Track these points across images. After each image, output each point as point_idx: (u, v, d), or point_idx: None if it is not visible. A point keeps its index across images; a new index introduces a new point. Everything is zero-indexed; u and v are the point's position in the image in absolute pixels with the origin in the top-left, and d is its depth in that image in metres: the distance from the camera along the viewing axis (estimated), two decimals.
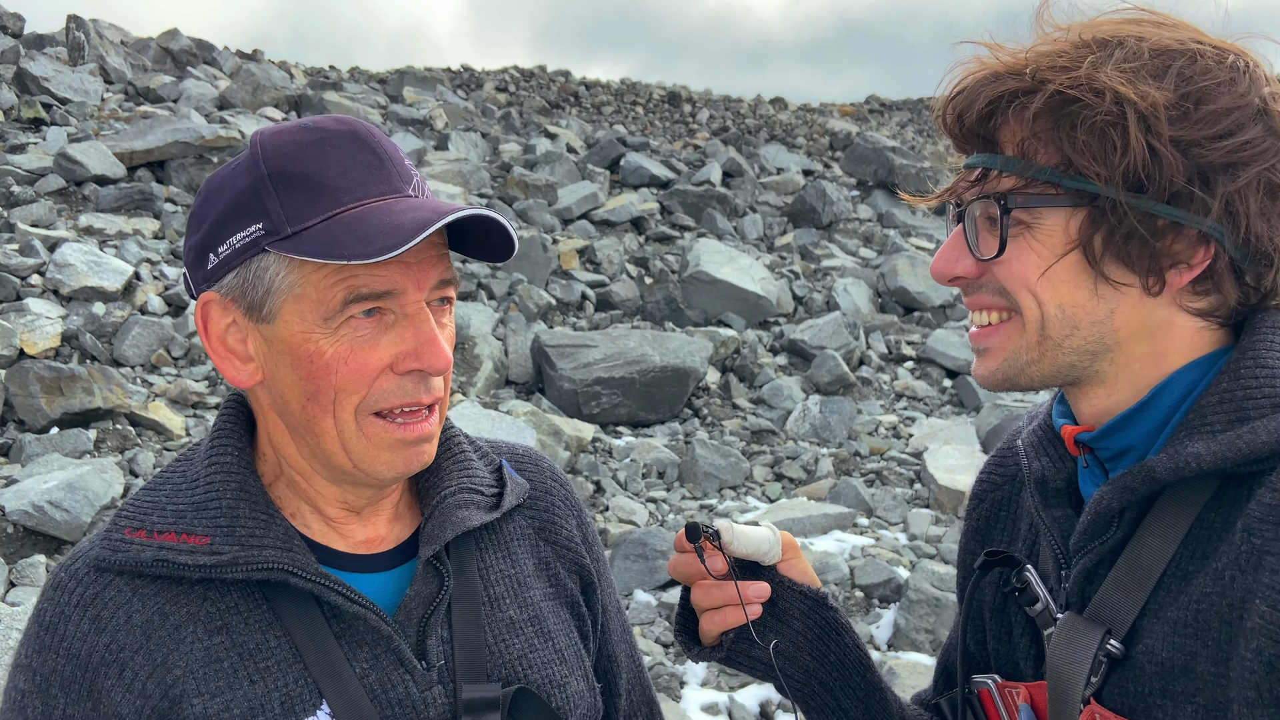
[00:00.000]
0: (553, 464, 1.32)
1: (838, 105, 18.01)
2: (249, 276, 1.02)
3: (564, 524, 1.26)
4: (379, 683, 1.04)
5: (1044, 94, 0.97)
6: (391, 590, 1.11)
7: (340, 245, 0.97)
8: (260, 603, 1.04)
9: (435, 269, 1.04)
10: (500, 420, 6.02)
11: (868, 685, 1.22)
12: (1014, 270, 1.02)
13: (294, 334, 1.01)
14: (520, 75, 16.68)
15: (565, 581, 1.23)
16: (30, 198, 8.07)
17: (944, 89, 1.06)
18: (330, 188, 1.00)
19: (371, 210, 1.00)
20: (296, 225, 0.99)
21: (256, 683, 1.01)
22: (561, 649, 1.18)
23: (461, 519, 1.14)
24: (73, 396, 5.69)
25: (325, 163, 1.01)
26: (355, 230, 0.97)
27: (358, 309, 1.01)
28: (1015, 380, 1.05)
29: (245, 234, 1.01)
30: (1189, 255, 0.98)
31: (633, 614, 4.79)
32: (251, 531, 1.03)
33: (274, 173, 1.01)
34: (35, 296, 6.63)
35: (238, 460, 1.08)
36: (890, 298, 9.94)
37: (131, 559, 1.01)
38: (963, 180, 1.06)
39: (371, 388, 1.02)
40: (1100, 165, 0.95)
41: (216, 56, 13.17)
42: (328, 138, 1.02)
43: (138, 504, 1.06)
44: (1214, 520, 0.97)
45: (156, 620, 1.01)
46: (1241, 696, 0.90)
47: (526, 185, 10.75)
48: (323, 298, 1.00)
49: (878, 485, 6.52)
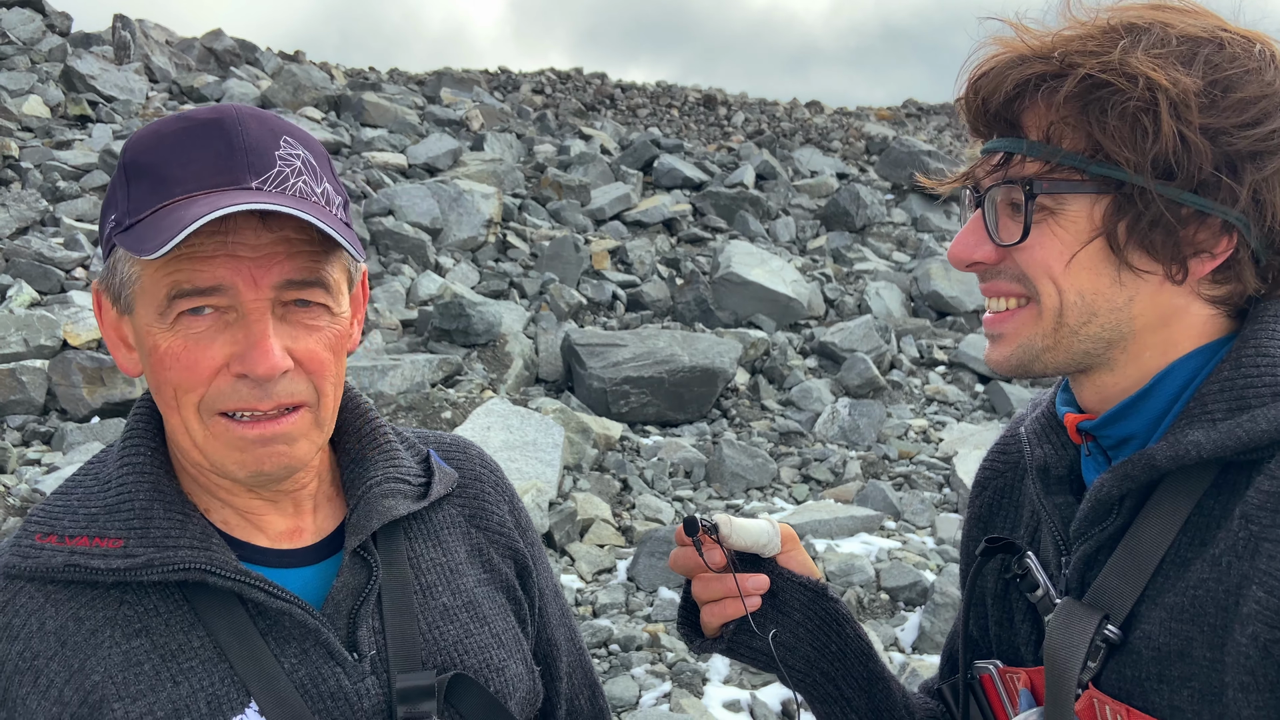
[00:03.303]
0: (482, 451, 1.31)
1: (874, 109, 17.90)
2: (112, 267, 1.02)
3: (495, 510, 1.25)
4: (309, 677, 1.03)
5: (1074, 78, 0.96)
6: (319, 584, 1.09)
7: (146, 239, 0.94)
8: (181, 604, 1.02)
9: (281, 267, 0.98)
10: (529, 417, 6.06)
11: (870, 674, 1.22)
12: (1036, 256, 1.01)
13: (141, 328, 1.00)
14: (556, 77, 16.76)
15: (499, 566, 1.22)
16: (76, 193, 8.25)
17: (967, 70, 1.05)
18: (168, 178, 0.97)
19: (194, 201, 0.95)
20: (134, 217, 0.97)
21: (180, 684, 0.99)
22: (499, 633, 1.17)
23: (387, 508, 1.12)
24: (114, 387, 5.82)
25: (173, 153, 0.98)
26: (165, 223, 0.93)
27: (184, 305, 0.97)
28: (1028, 367, 1.05)
29: (108, 224, 1.01)
30: (1212, 244, 0.98)
31: (657, 611, 4.81)
32: (166, 532, 1.01)
33: (128, 163, 1.00)
34: (79, 289, 6.78)
35: (151, 460, 1.05)
36: (923, 302, 9.87)
37: (42, 565, 0.99)
38: (982, 165, 1.05)
39: (209, 387, 0.99)
40: (1130, 151, 0.95)
41: (259, 57, 13.38)
42: (190, 127, 0.99)
43: (48, 509, 1.04)
44: (1213, 507, 0.97)
45: (71, 626, 0.98)
46: (1236, 681, 0.90)
47: (560, 186, 10.81)
48: (154, 292, 0.98)
49: (906, 489, 6.48)
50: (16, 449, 5.41)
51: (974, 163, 1.08)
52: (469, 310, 7.30)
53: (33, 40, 11.49)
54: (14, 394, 5.72)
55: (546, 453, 5.80)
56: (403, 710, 1.05)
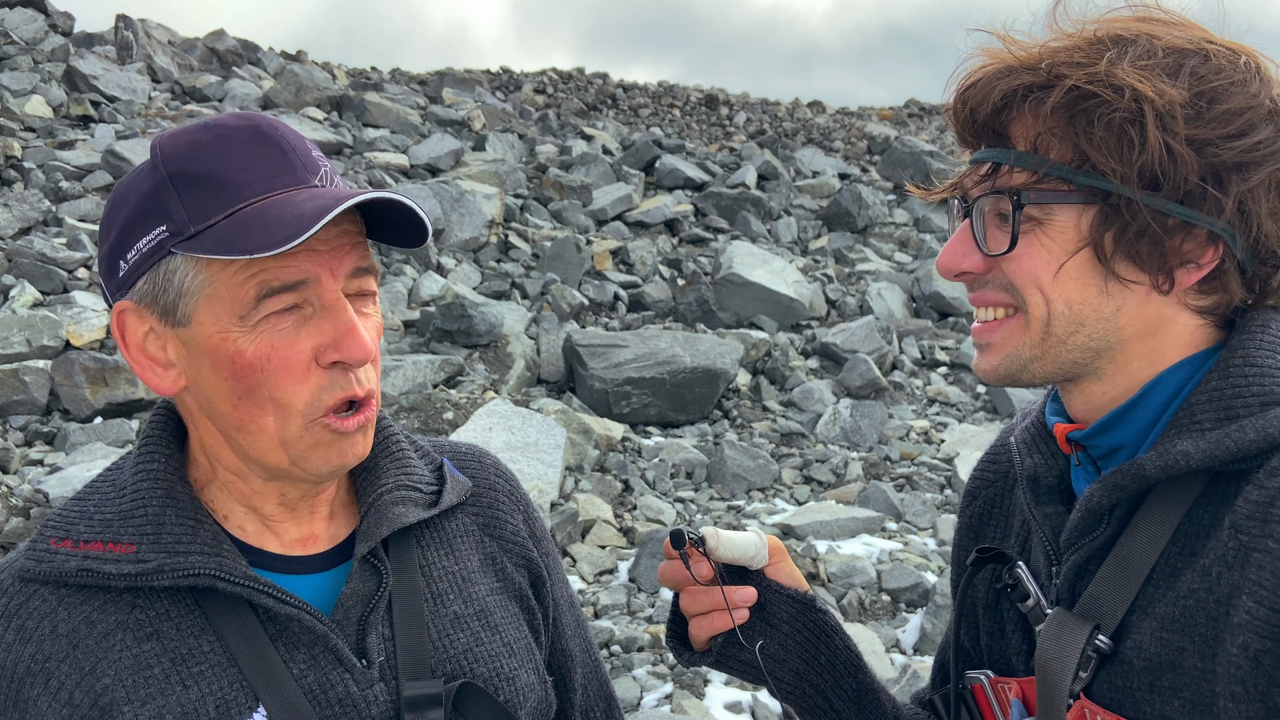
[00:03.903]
0: (497, 461, 1.31)
1: (876, 109, 17.89)
2: (158, 280, 1.01)
3: (509, 519, 1.25)
4: (317, 683, 1.04)
5: (1061, 89, 0.97)
6: (329, 590, 1.10)
7: (243, 240, 0.96)
8: (192, 608, 1.03)
9: (349, 257, 1.03)
10: (531, 418, 6.07)
11: (859, 686, 1.22)
12: (1024, 266, 1.01)
13: (211, 335, 1.01)
14: (558, 77, 16.77)
15: (513, 576, 1.23)
16: (78, 193, 8.27)
17: (955, 81, 1.06)
18: (232, 183, 1.00)
19: (274, 202, 0.99)
20: (199, 224, 0.98)
21: (190, 688, 1.00)
22: (510, 641, 1.17)
23: (398, 515, 1.13)
24: (116, 387, 5.83)
25: (225, 159, 1.01)
26: (257, 224, 0.97)
27: (274, 304, 1.00)
28: (1016, 377, 1.06)
29: (150, 238, 1.00)
30: (1198, 255, 0.99)
31: (659, 612, 4.81)
32: (178, 538, 1.02)
33: (174, 173, 1.00)
34: (82, 290, 6.80)
35: (165, 467, 1.07)
36: (925, 303, 9.87)
37: (56, 569, 1.01)
38: (970, 175, 1.06)
39: (310, 385, 1.01)
40: (1117, 161, 0.95)
41: (261, 57, 13.39)
42: (228, 134, 1.02)
43: (65, 514, 1.06)
44: (1203, 517, 0.97)
45: (83, 629, 1.00)
46: (1227, 691, 0.91)
47: (562, 186, 10.82)
48: (235, 295, 0.99)
49: (907, 490, 6.49)
50: (19, 449, 5.42)
51: (962, 173, 1.08)
52: (471, 311, 7.31)
53: (35, 40, 11.52)
54: (17, 394, 5.74)
55: (548, 454, 5.81)
56: (410, 717, 1.06)
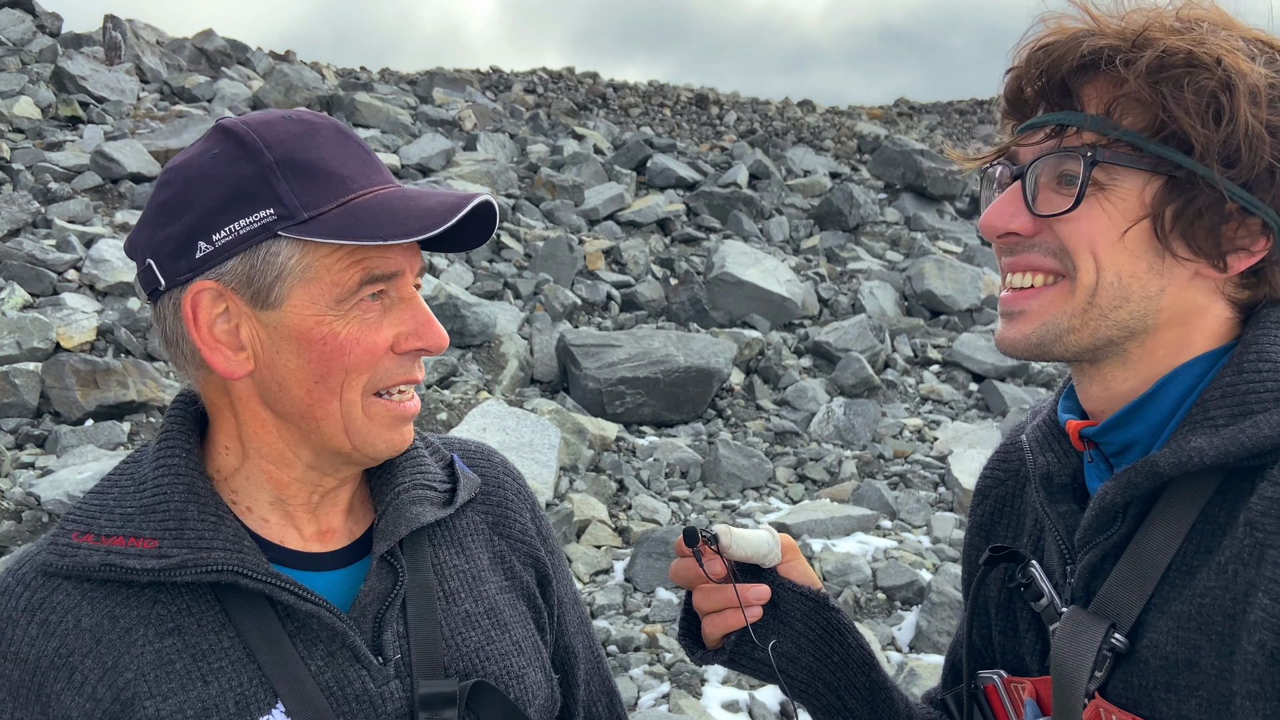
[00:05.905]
0: (505, 459, 1.33)
1: (866, 108, 17.92)
2: (256, 262, 1.02)
3: (518, 517, 1.27)
4: (335, 679, 1.05)
5: (1154, 51, 0.95)
6: (346, 587, 1.11)
7: (366, 228, 1.01)
8: (212, 604, 1.04)
9: (419, 255, 1.10)
10: (525, 418, 6.05)
11: (872, 684, 1.22)
12: (1081, 229, 0.99)
13: (304, 318, 1.03)
14: (549, 77, 16.75)
15: (521, 574, 1.24)
16: (67, 194, 8.22)
17: (1027, 42, 1.03)
18: (338, 175, 1.04)
19: (378, 197, 1.05)
20: (312, 210, 1.02)
21: (210, 683, 1.01)
22: (519, 640, 1.19)
23: (415, 515, 1.14)
24: (107, 390, 5.80)
25: (325, 152, 1.05)
26: (378, 214, 1.02)
27: (369, 290, 1.05)
28: (1048, 348, 1.03)
29: (252, 219, 1.02)
30: (1249, 242, 0.98)
31: (655, 611, 4.81)
32: (200, 534, 1.03)
33: (280, 160, 1.03)
34: (72, 291, 6.76)
35: (185, 461, 1.08)
36: (917, 301, 9.89)
37: (79, 564, 1.01)
38: (1021, 139, 1.04)
39: (376, 368, 1.06)
40: (1204, 128, 0.94)
41: (250, 57, 13.34)
42: (316, 129, 1.07)
43: (85, 508, 1.06)
44: (1218, 514, 0.97)
45: (106, 624, 1.00)
46: (1244, 689, 0.90)
47: (553, 186, 10.80)
48: (337, 280, 1.03)
49: (901, 488, 6.50)
50: (10, 452, 5.39)
51: (1012, 139, 1.06)
52: (464, 311, 7.29)
53: (23, 41, 11.44)
54: (7, 397, 5.70)
55: (542, 454, 5.80)
56: (424, 716, 1.07)
